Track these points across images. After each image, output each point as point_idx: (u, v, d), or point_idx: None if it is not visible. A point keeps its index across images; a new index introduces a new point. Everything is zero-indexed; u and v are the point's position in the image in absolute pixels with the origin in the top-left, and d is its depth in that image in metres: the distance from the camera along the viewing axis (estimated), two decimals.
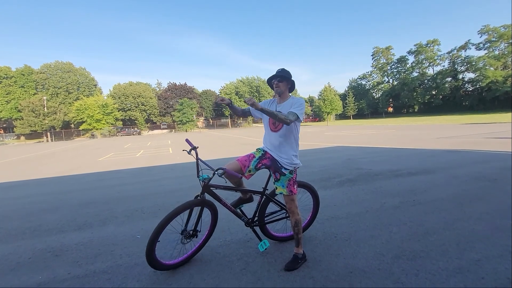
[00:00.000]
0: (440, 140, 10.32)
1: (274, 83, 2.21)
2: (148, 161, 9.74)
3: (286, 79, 2.20)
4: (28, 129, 41.50)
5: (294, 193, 2.20)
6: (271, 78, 2.23)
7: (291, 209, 2.22)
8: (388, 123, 29.49)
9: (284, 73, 2.19)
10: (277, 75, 2.18)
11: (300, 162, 2.25)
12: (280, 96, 2.25)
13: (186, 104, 49.27)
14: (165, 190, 5.00)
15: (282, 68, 2.22)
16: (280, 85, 2.19)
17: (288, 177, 2.18)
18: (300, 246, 2.22)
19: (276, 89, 2.20)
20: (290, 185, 2.18)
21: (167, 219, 2.02)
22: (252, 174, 2.25)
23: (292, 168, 2.19)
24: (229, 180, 2.29)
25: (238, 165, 2.20)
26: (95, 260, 2.46)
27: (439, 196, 3.72)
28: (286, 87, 2.23)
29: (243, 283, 1.96)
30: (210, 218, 2.37)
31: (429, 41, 55.86)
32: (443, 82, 52.93)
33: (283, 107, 2.19)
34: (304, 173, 5.66)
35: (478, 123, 19.36)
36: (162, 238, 2.05)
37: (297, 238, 2.23)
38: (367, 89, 67.30)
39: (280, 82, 2.19)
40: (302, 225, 2.27)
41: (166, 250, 2.48)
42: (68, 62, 50.01)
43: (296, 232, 2.23)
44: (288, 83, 2.22)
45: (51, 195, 5.21)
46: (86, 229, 3.25)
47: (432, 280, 1.86)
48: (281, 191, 2.21)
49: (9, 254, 2.70)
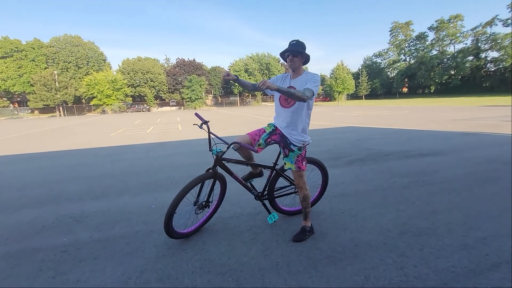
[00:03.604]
0: (455, 122, 10.01)
1: (288, 58, 2.08)
2: (159, 137, 9.93)
3: (300, 53, 2.06)
4: (41, 103, 42.42)
5: (302, 169, 2.21)
6: (283, 52, 2.11)
7: (299, 184, 2.27)
8: (402, 104, 28.62)
9: (298, 46, 2.05)
10: (292, 49, 2.04)
11: (310, 139, 2.24)
12: (294, 71, 2.17)
13: (195, 81, 48.78)
14: (176, 165, 5.15)
15: (296, 39, 2.08)
16: (295, 60, 2.07)
17: (296, 153, 2.19)
18: (308, 219, 2.30)
19: (290, 64, 2.09)
20: (299, 161, 2.20)
21: (183, 193, 2.11)
22: (262, 148, 2.28)
23: (301, 144, 2.18)
24: (241, 153, 2.34)
25: (249, 138, 2.23)
26: (114, 226, 2.63)
27: (449, 177, 3.70)
28: (301, 62, 2.11)
29: (253, 252, 2.07)
30: (220, 190, 2.46)
31: (451, 17, 52.16)
32: (464, 61, 50.05)
33: (297, 82, 2.12)
34: (313, 152, 5.67)
35: (498, 105, 18.50)
36: (178, 209, 2.15)
37: (305, 212, 2.30)
38: (381, 67, 64.49)
39: (295, 56, 2.06)
40: (310, 200, 2.32)
41: (180, 219, 2.61)
42: (76, 35, 49.60)
43: (304, 206, 2.29)
44: (302, 57, 2.09)
45: (68, 167, 5.45)
46: (103, 199, 3.43)
47: (436, 255, 1.91)
48: (290, 167, 2.24)
49: (35, 218, 2.90)
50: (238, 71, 54.53)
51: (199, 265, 1.92)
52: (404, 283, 1.64)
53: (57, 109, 45.01)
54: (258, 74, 53.69)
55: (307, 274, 1.77)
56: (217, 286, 1.70)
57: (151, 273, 1.86)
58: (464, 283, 1.63)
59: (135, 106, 49.94)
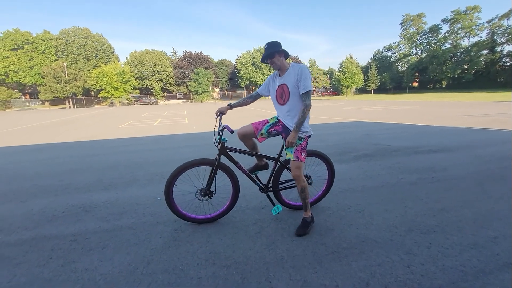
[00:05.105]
0: (466, 118, 9.75)
1: (268, 62, 2.21)
2: (166, 130, 10.00)
3: (276, 52, 2.16)
4: (51, 95, 43.20)
5: (300, 160, 2.20)
6: (262, 59, 2.24)
7: (296, 175, 2.24)
8: (412, 99, 28.01)
9: (271, 48, 2.16)
10: (266, 53, 2.16)
11: (311, 130, 2.26)
12: (280, 70, 2.25)
13: (202, 74, 48.71)
14: (184, 158, 5.17)
15: (267, 43, 2.21)
16: (275, 61, 2.18)
17: (297, 143, 2.20)
18: (308, 210, 2.31)
19: (273, 66, 2.22)
20: (298, 152, 2.20)
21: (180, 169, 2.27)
22: (264, 138, 2.40)
23: (302, 135, 2.20)
24: (244, 143, 2.45)
25: (252, 128, 2.37)
26: (121, 217, 2.67)
27: (459, 174, 3.61)
28: (281, 59, 2.20)
29: (258, 245, 2.08)
30: (231, 186, 2.43)
31: (468, 7, 50.17)
32: (478, 55, 48.37)
33: (286, 78, 2.20)
34: (320, 147, 5.62)
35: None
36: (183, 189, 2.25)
37: (305, 203, 2.30)
38: (392, 61, 62.99)
39: (273, 57, 2.17)
40: (308, 190, 2.32)
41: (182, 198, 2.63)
42: (85, 27, 49.97)
43: (303, 197, 2.29)
44: (279, 54, 2.19)
45: (77, 158, 5.55)
46: (111, 190, 3.49)
47: (444, 253, 1.88)
48: (289, 157, 2.25)
49: (45, 207, 2.97)
50: (245, 64, 54.19)
51: (204, 257, 1.94)
52: (410, 281, 1.62)
53: (66, 101, 45.73)
54: (265, 67, 53.20)
55: (312, 269, 1.77)
56: (221, 278, 1.71)
57: (157, 263, 1.89)
58: (472, 282, 1.59)
59: (142, 98, 50.34)
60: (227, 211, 2.51)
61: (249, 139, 2.43)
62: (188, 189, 2.45)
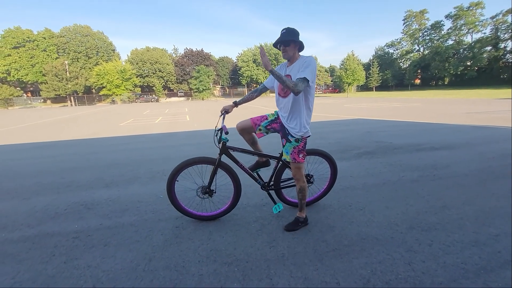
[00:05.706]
0: (469, 115, 9.69)
1: (281, 49, 2.05)
2: (167, 128, 10.01)
3: (292, 41, 2.00)
4: (53, 93, 43.32)
5: (297, 161, 2.16)
6: (275, 44, 2.06)
7: (295, 176, 2.23)
8: (414, 96, 27.86)
9: (289, 36, 1.99)
10: (282, 39, 1.99)
11: (309, 131, 2.16)
12: (290, 60, 2.11)
13: (203, 71, 48.63)
14: (185, 155, 5.18)
15: (286, 28, 2.01)
16: (288, 50, 2.01)
17: (293, 144, 2.14)
18: (303, 211, 2.31)
19: (284, 55, 2.05)
20: (294, 153, 2.14)
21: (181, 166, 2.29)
22: (263, 134, 2.37)
23: (299, 136, 2.12)
24: (243, 136, 2.44)
25: (250, 123, 2.35)
26: (123, 214, 2.68)
27: (461, 172, 3.60)
28: (295, 50, 2.04)
29: (259, 243, 2.08)
30: (233, 186, 2.43)
31: (472, 4, 49.63)
32: (481, 52, 47.89)
33: (293, 69, 2.05)
34: (321, 145, 5.61)
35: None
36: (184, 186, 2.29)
37: (301, 203, 2.29)
38: (394, 58, 62.51)
39: (287, 46, 2.01)
40: (306, 192, 2.30)
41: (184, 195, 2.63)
42: (86, 25, 49.94)
43: (300, 197, 2.28)
44: (295, 44, 2.02)
45: (79, 155, 5.58)
46: (113, 187, 3.50)
47: (445, 250, 1.88)
48: (285, 158, 2.23)
49: (48, 205, 2.99)
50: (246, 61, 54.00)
51: (206, 255, 1.95)
52: (411, 278, 1.62)
53: (68, 99, 45.85)
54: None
55: (312, 266, 1.77)
56: (223, 275, 1.72)
57: (159, 260, 1.90)
58: (473, 280, 1.59)
59: (143, 96, 50.38)
60: (229, 210, 2.51)
61: (248, 133, 2.43)
62: (190, 186, 2.46)
